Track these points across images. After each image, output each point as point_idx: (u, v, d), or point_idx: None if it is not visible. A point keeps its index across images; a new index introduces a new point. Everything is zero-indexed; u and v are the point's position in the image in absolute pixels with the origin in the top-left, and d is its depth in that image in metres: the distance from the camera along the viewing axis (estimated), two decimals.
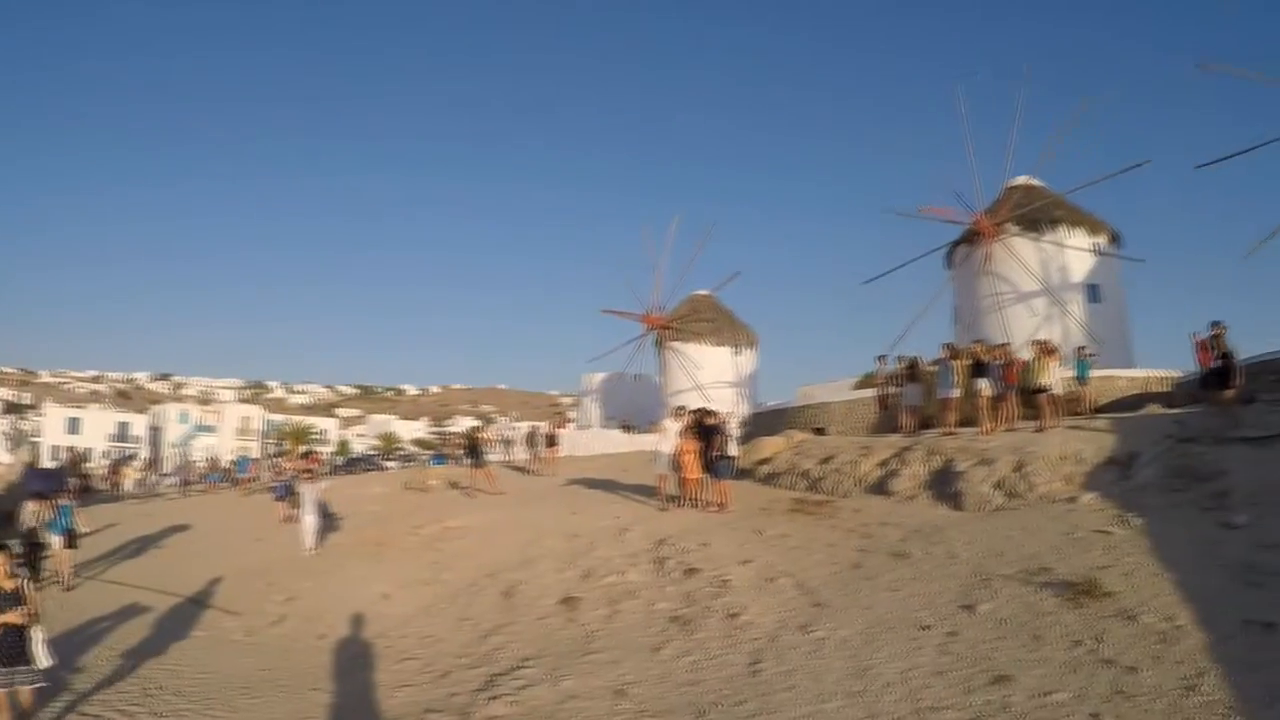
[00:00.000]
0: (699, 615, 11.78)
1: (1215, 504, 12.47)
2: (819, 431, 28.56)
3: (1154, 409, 19.56)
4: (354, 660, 12.45)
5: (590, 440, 42.09)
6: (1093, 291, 35.56)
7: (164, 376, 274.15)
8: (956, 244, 38.56)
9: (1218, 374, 16.07)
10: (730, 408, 43.85)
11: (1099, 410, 22.15)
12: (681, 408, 22.05)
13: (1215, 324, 18.66)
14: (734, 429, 36.13)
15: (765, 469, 22.59)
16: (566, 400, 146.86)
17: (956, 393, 20.92)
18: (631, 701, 9.06)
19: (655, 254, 54.09)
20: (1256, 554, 10.33)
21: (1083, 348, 25.27)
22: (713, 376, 50.38)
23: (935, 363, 22.68)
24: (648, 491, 21.13)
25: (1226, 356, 15.95)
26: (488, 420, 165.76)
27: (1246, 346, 20.91)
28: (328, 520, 21.22)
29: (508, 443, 47.15)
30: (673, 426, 19.68)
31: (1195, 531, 11.61)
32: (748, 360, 53.95)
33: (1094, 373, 23.70)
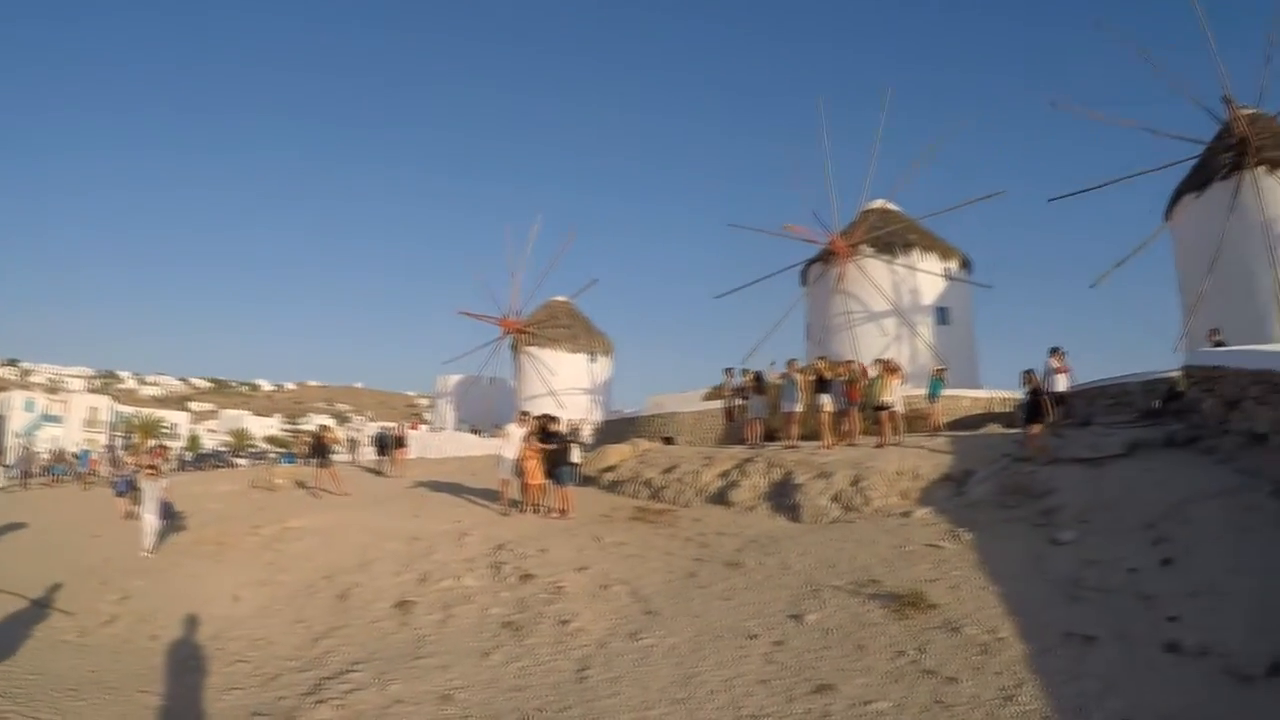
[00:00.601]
0: (531, 621, 11.64)
1: (1045, 521, 12.96)
2: (668, 441, 28.73)
3: (994, 429, 20.25)
4: (185, 662, 11.83)
5: (443, 443, 41.45)
6: (942, 314, 36.85)
7: (11, 362, 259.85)
8: (811, 262, 39.52)
9: (1028, 408, 16.59)
10: (584, 414, 43.84)
11: (943, 428, 22.69)
12: (525, 413, 21.90)
13: (1054, 350, 19.37)
14: (588, 436, 36.34)
15: (610, 476, 22.57)
16: (424, 401, 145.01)
17: (799, 407, 21.28)
18: (457, 707, 8.85)
19: (515, 256, 54.00)
20: (1081, 569, 10.73)
21: (941, 369, 25.93)
22: (567, 383, 50.41)
23: (781, 377, 22.97)
24: (493, 496, 20.90)
25: (1036, 392, 16.58)
26: (343, 419, 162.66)
27: (1088, 372, 21.80)
28: (170, 518, 20.25)
29: (355, 443, 46.19)
30: (517, 431, 19.50)
31: (1024, 547, 12.03)
32: (603, 368, 54.13)
33: (944, 391, 24.30)
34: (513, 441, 19.45)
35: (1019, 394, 26.57)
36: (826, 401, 20.35)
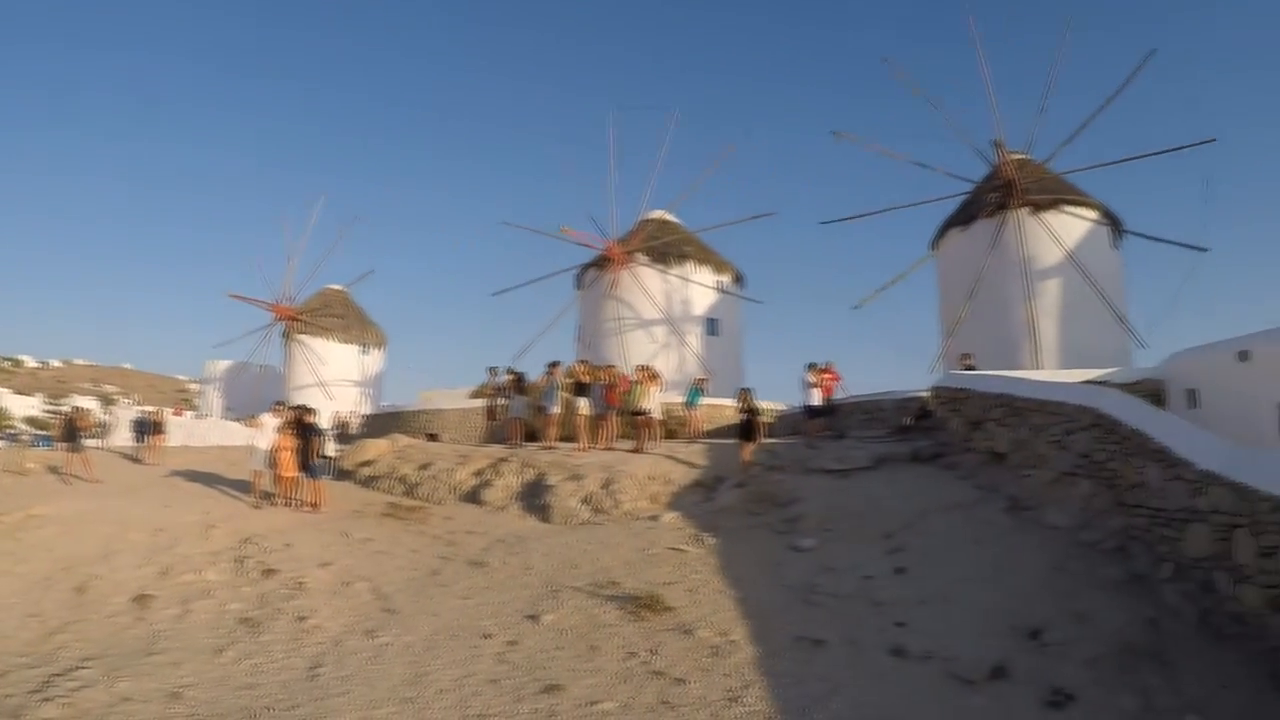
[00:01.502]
0: (269, 617, 11.17)
1: (788, 528, 13.46)
2: (432, 437, 28.28)
3: None
4: None
5: (207, 430, 39.37)
6: (712, 325, 37.73)
7: None
8: (587, 266, 39.55)
9: (742, 428, 17.00)
10: (353, 407, 42.68)
11: (703, 436, 23.05)
12: (280, 403, 21.01)
13: (811, 365, 20.01)
14: (357, 429, 35.38)
15: (366, 471, 21.97)
16: (195, 387, 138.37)
17: (558, 409, 21.24)
18: (185, 704, 8.36)
19: (293, 240, 52.00)
20: (818, 575, 11.14)
21: (701, 379, 26.33)
22: (338, 374, 48.91)
23: (544, 379, 22.90)
24: (248, 487, 19.99)
25: (752, 412, 17.00)
26: (110, 401, 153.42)
27: (851, 388, 22.61)
28: None
29: (106, 427, 43.41)
30: (271, 422, 18.69)
31: (765, 553, 12.47)
32: (375, 360, 52.80)
33: (705, 400, 24.69)
34: (267, 432, 18.68)
35: (785, 405, 27.48)
36: (583, 405, 20.51)
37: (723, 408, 27.37)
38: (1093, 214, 31.81)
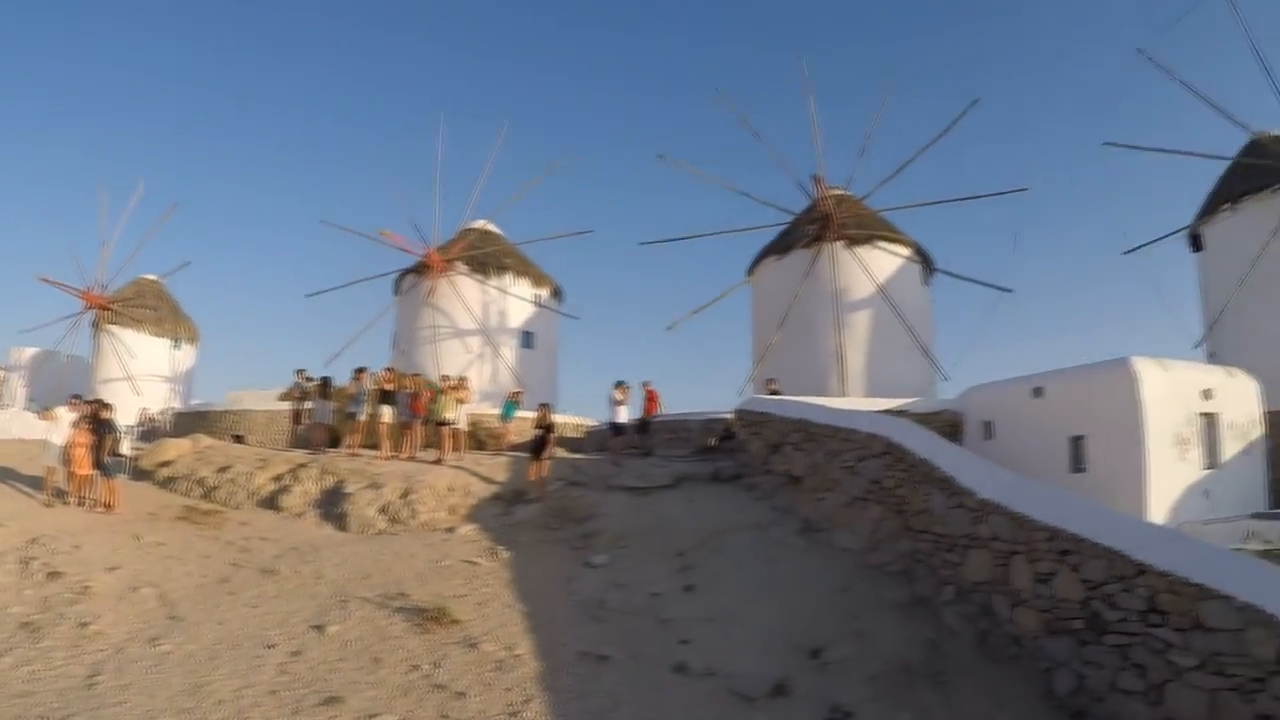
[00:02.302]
0: (51, 623, 10.55)
1: (583, 544, 13.53)
2: (238, 439, 27.35)
3: (559, 452, 20.60)
4: None
5: (8, 422, 37.07)
6: (527, 338, 37.70)
7: None
8: (407, 272, 38.98)
9: (534, 443, 17.08)
10: (162, 404, 40.97)
11: (510, 449, 23.01)
12: (77, 396, 20.00)
13: (619, 383, 20.27)
14: (167, 425, 33.96)
15: (165, 472, 21.05)
16: None
17: (363, 416, 20.92)
18: None
19: (109, 224, 49.12)
20: (608, 592, 11.24)
21: (517, 391, 26.30)
22: (148, 368, 46.43)
23: (351, 384, 22.49)
24: (41, 484, 18.94)
25: (547, 429, 17.09)
26: None
27: (667, 407, 22.91)
28: None
29: None
30: (66, 416, 17.73)
31: (558, 568, 12.51)
32: (186, 356, 50.47)
33: (520, 414, 24.65)
34: (61, 427, 17.69)
35: (595, 420, 27.67)
36: (386, 412, 20.18)
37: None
38: (905, 251, 33.29)
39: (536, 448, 16.73)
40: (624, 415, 20.72)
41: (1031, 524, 10.16)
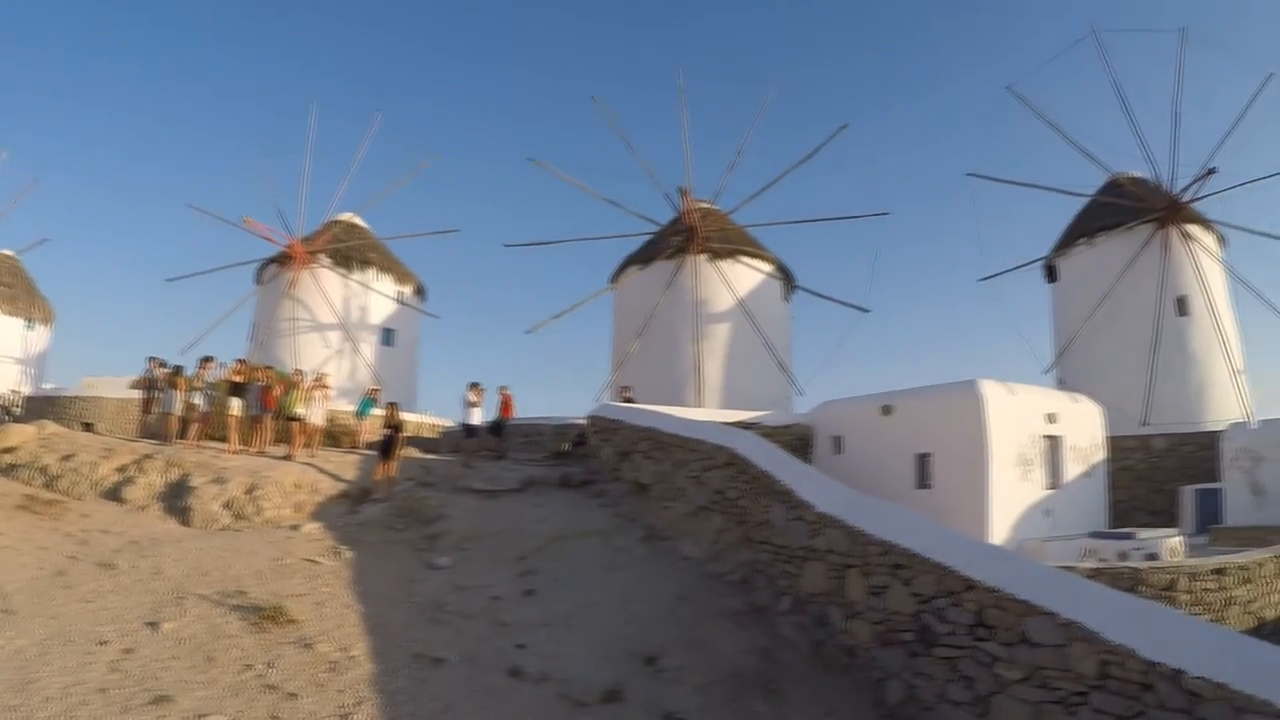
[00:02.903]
0: None
1: (428, 545, 13.53)
2: (88, 427, 26.37)
3: (411, 451, 20.49)
4: None
5: None
6: (387, 335, 37.27)
7: None
8: (270, 262, 38.11)
9: (382, 444, 17.02)
10: (14, 387, 39.33)
11: (365, 446, 22.80)
12: None
13: (473, 384, 20.32)
14: (16, 409, 32.55)
15: (8, 459, 20.23)
16: None
17: (210, 408, 20.45)
18: None
19: None
20: (449, 594, 11.28)
21: (374, 389, 26.01)
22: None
23: (199, 375, 21.98)
24: None
25: (395, 428, 17.02)
26: None
27: (523, 410, 22.99)
28: None
29: None
30: None
31: (400, 569, 12.46)
32: (40, 337, 48.18)
33: (377, 411, 24.41)
34: None
35: (452, 421, 27.58)
36: (235, 405, 19.69)
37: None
38: (767, 267, 34.07)
39: (385, 447, 16.61)
40: (477, 417, 20.70)
41: (866, 538, 10.59)
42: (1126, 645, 7.43)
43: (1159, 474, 26.33)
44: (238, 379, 20.05)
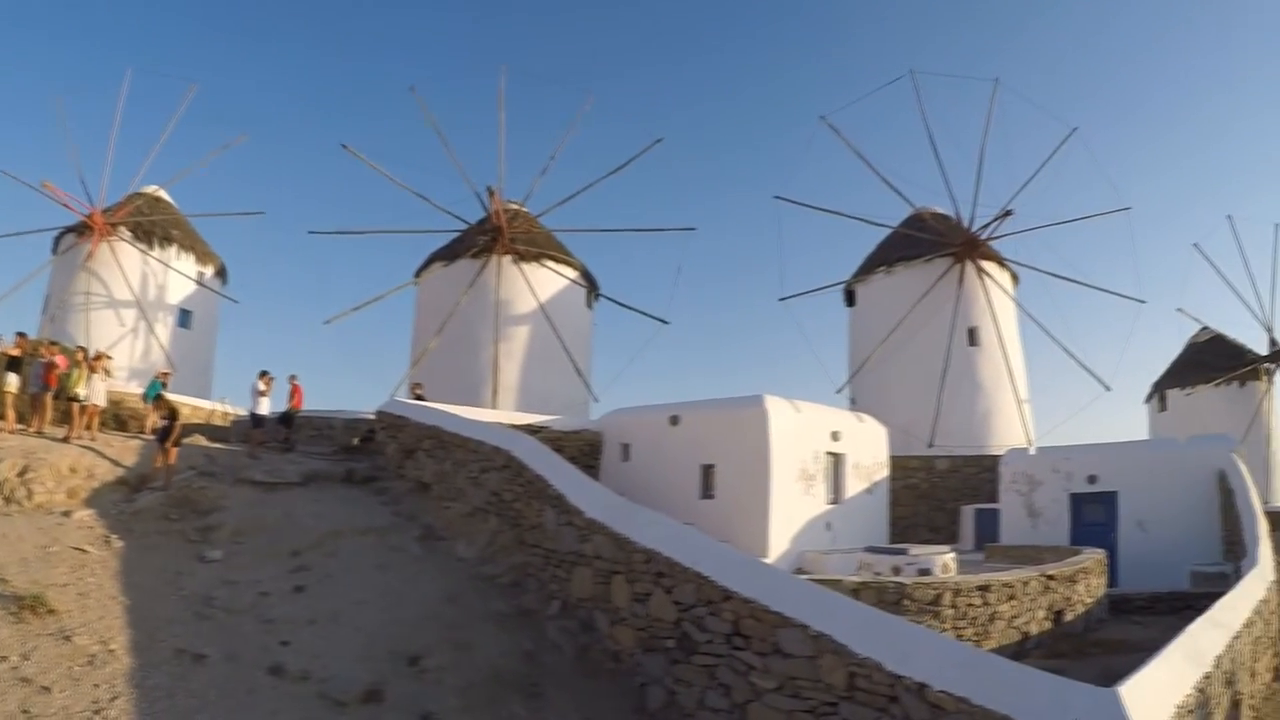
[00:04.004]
0: None
1: (201, 538, 13.28)
2: None
3: (198, 439, 19.96)
4: None
5: None
6: (185, 317, 36.02)
7: None
8: (68, 231, 36.25)
9: (161, 431, 16.63)
10: None
11: (151, 432, 22.07)
12: None
13: (263, 373, 20.08)
14: None
15: None
16: None
17: None
18: None
19: None
20: (217, 589, 11.19)
21: (165, 372, 25.14)
22: None
23: None
24: None
25: (173, 416, 16.62)
26: None
27: (317, 402, 22.70)
28: None
29: None
30: None
31: (170, 561, 12.21)
32: None
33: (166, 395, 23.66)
34: None
35: (244, 410, 26.94)
36: (12, 381, 18.71)
37: (179, 406, 26.38)
38: (572, 273, 34.56)
39: (162, 435, 16.20)
40: (265, 407, 20.27)
41: (632, 545, 10.99)
42: (874, 658, 7.77)
43: (941, 493, 28.22)
44: (15, 354, 19.05)
